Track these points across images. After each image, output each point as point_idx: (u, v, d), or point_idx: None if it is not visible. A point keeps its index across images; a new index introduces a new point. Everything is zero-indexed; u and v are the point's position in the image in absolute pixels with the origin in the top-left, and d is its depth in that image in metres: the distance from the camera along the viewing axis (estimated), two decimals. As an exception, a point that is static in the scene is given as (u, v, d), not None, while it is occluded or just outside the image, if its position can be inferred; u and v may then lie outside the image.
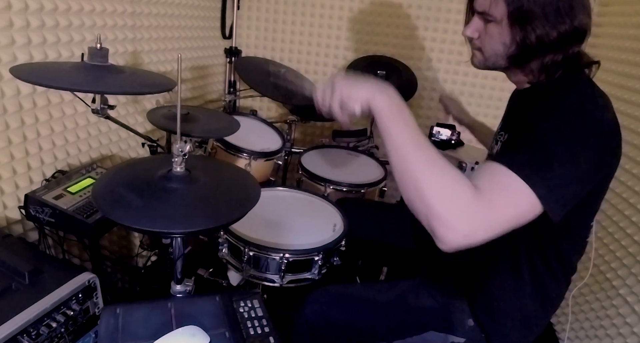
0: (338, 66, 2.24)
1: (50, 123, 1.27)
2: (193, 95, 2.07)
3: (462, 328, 0.98)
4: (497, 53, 0.88)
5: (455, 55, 2.09)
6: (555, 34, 0.80)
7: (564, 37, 0.80)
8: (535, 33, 0.80)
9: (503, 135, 0.97)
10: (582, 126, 0.74)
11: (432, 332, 0.98)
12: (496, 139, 1.01)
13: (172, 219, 0.79)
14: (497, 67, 0.92)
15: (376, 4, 2.09)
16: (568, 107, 0.77)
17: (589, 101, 0.79)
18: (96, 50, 0.99)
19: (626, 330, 1.34)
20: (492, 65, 0.92)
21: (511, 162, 0.72)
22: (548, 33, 0.79)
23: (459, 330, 0.98)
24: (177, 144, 0.85)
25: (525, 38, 0.81)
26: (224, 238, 1.22)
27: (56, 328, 0.93)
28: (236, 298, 0.92)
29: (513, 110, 1.00)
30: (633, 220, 1.40)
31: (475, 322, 0.98)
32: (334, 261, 1.25)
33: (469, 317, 0.98)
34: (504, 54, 0.87)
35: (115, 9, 1.41)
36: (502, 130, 1.00)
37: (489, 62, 0.92)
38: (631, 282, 1.35)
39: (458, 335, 0.97)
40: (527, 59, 0.85)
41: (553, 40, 0.80)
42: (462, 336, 0.97)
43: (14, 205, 1.19)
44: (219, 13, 2.15)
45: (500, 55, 0.88)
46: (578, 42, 0.82)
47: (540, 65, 0.85)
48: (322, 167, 1.69)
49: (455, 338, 0.98)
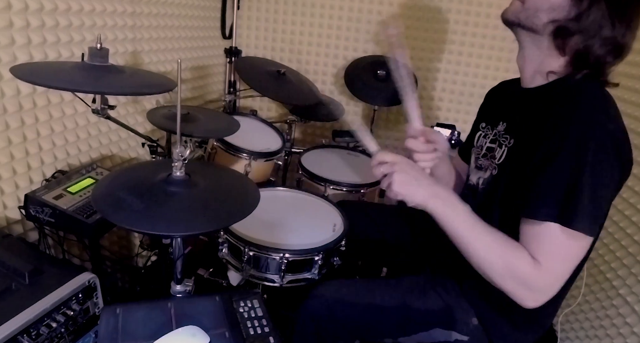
0: (338, 66, 2.24)
1: (50, 123, 1.27)
2: (193, 95, 2.07)
3: (466, 327, 0.98)
4: (541, 7, 0.82)
5: (455, 55, 2.10)
6: (607, 30, 0.78)
7: (611, 40, 0.79)
8: (590, 16, 0.78)
9: (508, 139, 0.93)
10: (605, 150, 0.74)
11: (437, 329, 0.98)
12: (497, 140, 0.97)
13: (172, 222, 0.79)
14: (530, 25, 0.85)
15: (376, 4, 2.09)
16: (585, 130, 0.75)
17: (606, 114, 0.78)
18: (96, 50, 0.99)
19: (626, 330, 1.34)
20: (525, 18, 0.85)
21: (553, 215, 0.75)
22: (602, 24, 0.78)
23: (463, 329, 0.98)
24: (177, 148, 0.85)
25: (579, 15, 0.79)
26: (224, 238, 1.22)
27: (56, 328, 0.93)
28: (236, 298, 0.92)
29: (518, 112, 0.94)
30: (633, 220, 1.40)
31: (478, 321, 0.98)
32: (334, 261, 1.26)
33: (473, 316, 0.98)
34: (549, 12, 0.81)
35: (115, 9, 1.41)
36: (506, 133, 0.95)
37: (525, 13, 0.84)
38: (631, 282, 1.36)
39: (462, 333, 0.98)
40: (571, 33, 0.80)
41: (602, 33, 0.79)
42: (466, 334, 0.98)
43: (14, 205, 1.19)
44: (219, 13, 2.15)
45: (545, 10, 0.82)
46: (617, 55, 0.81)
47: (577, 50, 0.81)
48: (322, 167, 1.69)
49: (459, 336, 0.98)
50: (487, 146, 1.01)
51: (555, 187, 0.75)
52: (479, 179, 1.02)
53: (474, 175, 1.05)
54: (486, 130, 1.04)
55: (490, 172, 0.97)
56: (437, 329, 0.98)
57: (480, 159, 1.03)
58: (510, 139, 0.93)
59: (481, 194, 0.99)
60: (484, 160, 1.01)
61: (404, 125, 1.13)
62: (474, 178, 1.04)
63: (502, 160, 0.93)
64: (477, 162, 1.04)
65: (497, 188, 0.93)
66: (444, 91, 2.18)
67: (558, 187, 0.75)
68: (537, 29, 0.84)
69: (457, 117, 2.21)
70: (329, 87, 2.30)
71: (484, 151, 1.02)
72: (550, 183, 0.76)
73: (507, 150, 0.93)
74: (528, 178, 0.80)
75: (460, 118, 2.21)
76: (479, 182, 1.02)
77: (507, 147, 0.93)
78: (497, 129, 0.99)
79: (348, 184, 1.61)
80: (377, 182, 1.66)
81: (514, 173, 0.87)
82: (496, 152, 0.97)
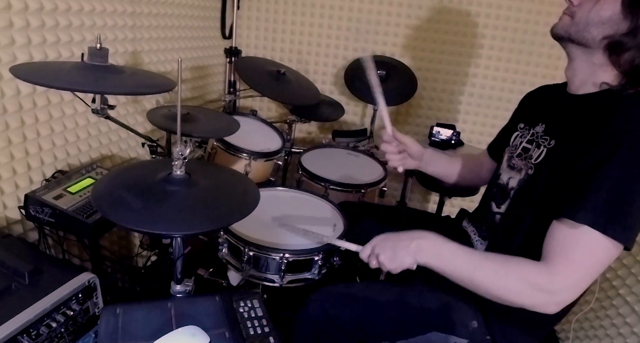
0: (338, 66, 2.24)
1: (50, 123, 1.27)
2: (193, 95, 2.07)
3: (465, 329, 0.97)
4: (592, 21, 0.81)
5: (455, 55, 2.10)
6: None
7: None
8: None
9: (548, 140, 0.92)
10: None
11: (434, 332, 0.98)
12: (534, 141, 0.96)
13: (172, 221, 0.79)
14: (580, 40, 0.84)
15: (376, 4, 2.09)
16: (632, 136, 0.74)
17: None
18: (96, 50, 0.99)
19: (626, 330, 1.34)
20: (576, 33, 0.84)
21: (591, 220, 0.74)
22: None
23: (462, 331, 0.97)
24: (177, 147, 0.85)
25: (636, 29, 0.77)
26: (224, 238, 1.22)
27: (56, 328, 0.93)
28: (236, 298, 0.92)
29: (562, 114, 0.93)
30: (633, 220, 1.40)
31: (479, 324, 0.97)
32: (333, 261, 1.26)
33: (473, 318, 0.97)
34: (601, 25, 0.80)
35: (115, 9, 1.41)
36: (546, 134, 0.94)
37: (575, 27, 0.83)
38: (631, 282, 1.36)
39: (461, 336, 0.97)
40: (625, 47, 0.79)
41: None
42: (465, 337, 0.97)
43: (14, 205, 1.19)
44: (219, 13, 2.15)
45: (596, 24, 0.80)
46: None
47: (632, 63, 0.79)
48: (322, 167, 1.69)
49: (458, 339, 0.97)
50: (522, 146, 1.00)
51: (601, 193, 0.74)
52: (510, 179, 1.01)
53: (505, 174, 1.04)
54: (524, 130, 1.02)
55: (526, 171, 0.96)
56: (434, 332, 0.98)
57: (514, 158, 1.01)
58: (550, 140, 0.91)
59: (515, 194, 0.98)
60: (518, 160, 0.99)
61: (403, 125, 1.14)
62: (505, 178, 1.03)
63: (539, 160, 0.92)
64: (511, 162, 1.02)
65: (534, 188, 0.91)
66: (443, 91, 2.18)
67: (604, 195, 0.74)
68: (588, 43, 0.83)
69: (457, 117, 2.21)
70: (329, 87, 2.30)
71: (519, 151, 1.00)
72: (596, 190, 0.75)
73: (546, 151, 0.91)
74: (572, 181, 0.79)
75: (460, 118, 2.21)
76: (510, 182, 1.00)
77: (546, 147, 0.92)
78: (535, 129, 0.98)
79: (348, 184, 1.61)
80: (377, 182, 1.66)
81: (554, 174, 0.86)
82: (533, 152, 0.95)
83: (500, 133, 1.21)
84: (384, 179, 1.70)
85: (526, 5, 1.93)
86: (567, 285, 0.77)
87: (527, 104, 1.12)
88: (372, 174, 1.73)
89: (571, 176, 0.79)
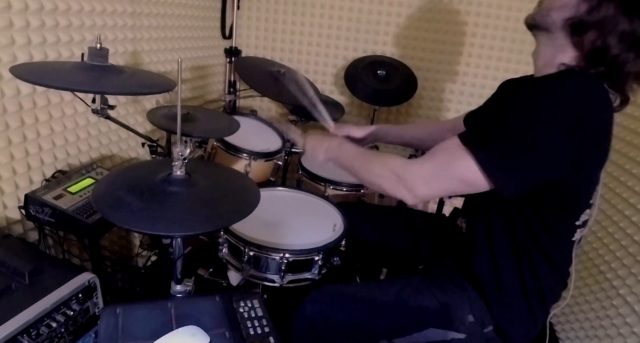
0: (338, 66, 2.24)
1: (50, 123, 1.27)
2: (193, 95, 2.07)
3: (462, 325, 0.98)
4: (553, 6, 0.86)
5: (455, 55, 2.09)
6: (623, 24, 0.79)
7: (630, 35, 0.79)
8: (603, 10, 0.79)
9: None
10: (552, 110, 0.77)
11: (432, 329, 0.98)
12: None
13: (172, 222, 0.79)
14: (543, 24, 0.88)
15: (376, 4, 2.09)
16: (549, 92, 0.80)
17: (578, 93, 0.80)
18: (96, 50, 0.99)
19: (626, 330, 1.34)
20: (540, 19, 0.89)
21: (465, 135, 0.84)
22: (618, 20, 0.79)
23: (459, 327, 0.98)
24: (178, 147, 0.85)
25: (592, 9, 0.80)
26: (224, 238, 1.22)
27: (56, 328, 0.93)
28: (236, 298, 0.92)
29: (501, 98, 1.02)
30: (633, 220, 1.40)
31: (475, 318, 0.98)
32: (334, 261, 1.25)
33: (469, 313, 0.98)
34: (561, 10, 0.84)
35: (115, 9, 1.41)
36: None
37: (540, 14, 0.89)
38: (631, 282, 1.36)
39: (458, 331, 0.98)
40: (586, 27, 0.82)
41: (618, 28, 0.79)
42: (463, 332, 0.98)
43: (14, 205, 1.19)
44: (219, 13, 2.15)
45: (557, 9, 0.85)
46: (636, 51, 0.80)
47: (594, 43, 0.82)
48: (322, 167, 1.69)
49: (456, 335, 0.98)
50: None
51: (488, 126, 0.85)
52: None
53: None
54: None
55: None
56: (431, 329, 0.98)
57: None
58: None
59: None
60: None
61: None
62: None
63: None
64: None
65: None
66: (443, 91, 2.18)
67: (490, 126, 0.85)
68: (550, 28, 0.87)
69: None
70: (329, 87, 2.30)
71: None
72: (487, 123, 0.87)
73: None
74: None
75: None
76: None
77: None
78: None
79: (348, 184, 1.61)
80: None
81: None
82: None
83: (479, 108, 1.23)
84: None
85: (526, 6, 1.93)
86: (420, 176, 0.88)
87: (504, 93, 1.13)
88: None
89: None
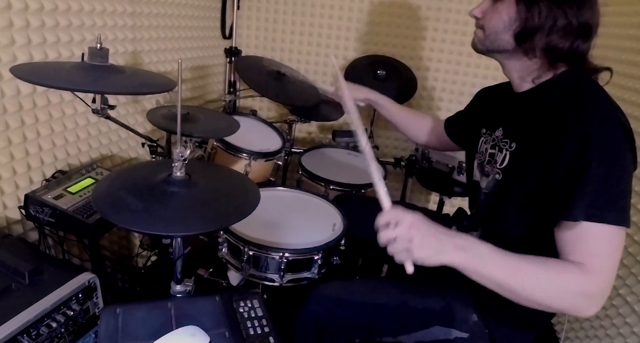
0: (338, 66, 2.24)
1: (50, 123, 1.27)
2: (193, 95, 2.07)
3: (465, 324, 0.98)
4: (498, 29, 0.86)
5: (455, 55, 2.10)
6: (561, 19, 0.80)
7: (569, 26, 0.80)
8: (540, 14, 0.80)
9: (508, 143, 0.93)
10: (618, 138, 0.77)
11: (437, 326, 0.99)
12: (497, 145, 0.97)
13: (172, 222, 0.79)
14: (497, 48, 0.89)
15: (376, 4, 2.09)
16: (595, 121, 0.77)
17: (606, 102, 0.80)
18: (96, 50, 0.99)
19: (626, 330, 1.34)
20: (491, 44, 0.89)
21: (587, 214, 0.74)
22: (554, 16, 0.80)
23: (463, 326, 0.98)
24: (178, 148, 0.85)
25: (530, 17, 0.81)
26: (224, 238, 1.22)
27: (56, 328, 0.93)
28: (236, 298, 0.93)
29: (515, 116, 0.95)
30: (633, 220, 1.40)
31: (478, 318, 0.98)
32: (333, 260, 1.26)
33: (473, 312, 0.99)
34: (507, 29, 0.85)
35: (115, 9, 1.41)
36: (505, 137, 0.95)
37: (489, 40, 0.89)
38: (631, 282, 1.35)
39: (462, 330, 0.98)
40: (530, 34, 0.82)
41: (558, 24, 0.80)
42: (466, 331, 0.98)
43: (14, 205, 1.19)
44: (219, 13, 2.15)
45: (503, 30, 0.86)
46: (583, 36, 0.81)
47: (545, 47, 0.82)
48: (322, 167, 1.69)
49: (459, 333, 0.98)
50: (489, 152, 1.01)
51: (586, 188, 0.75)
52: (483, 182, 1.02)
53: (477, 175, 1.06)
54: (487, 136, 1.04)
55: (494, 176, 0.97)
56: (436, 327, 0.99)
57: (485, 165, 1.02)
58: (510, 143, 0.93)
59: (488, 197, 1.00)
60: (488, 167, 1.00)
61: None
62: (477, 178, 1.05)
63: (505, 165, 0.93)
64: (484, 169, 1.03)
65: (507, 193, 0.92)
66: (443, 91, 2.18)
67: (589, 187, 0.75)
68: (505, 48, 0.88)
69: (457, 117, 2.21)
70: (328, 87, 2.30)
71: (487, 157, 1.01)
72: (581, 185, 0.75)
73: (509, 154, 0.93)
74: (555, 185, 0.79)
75: (460, 118, 2.21)
76: (483, 185, 1.02)
77: (508, 151, 0.93)
78: (495, 134, 1.00)
79: (348, 184, 1.61)
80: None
81: (524, 178, 0.87)
82: (497, 156, 0.97)
83: (458, 114, 1.26)
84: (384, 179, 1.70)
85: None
86: (603, 285, 0.75)
87: (483, 106, 1.13)
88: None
89: (550, 181, 0.80)
